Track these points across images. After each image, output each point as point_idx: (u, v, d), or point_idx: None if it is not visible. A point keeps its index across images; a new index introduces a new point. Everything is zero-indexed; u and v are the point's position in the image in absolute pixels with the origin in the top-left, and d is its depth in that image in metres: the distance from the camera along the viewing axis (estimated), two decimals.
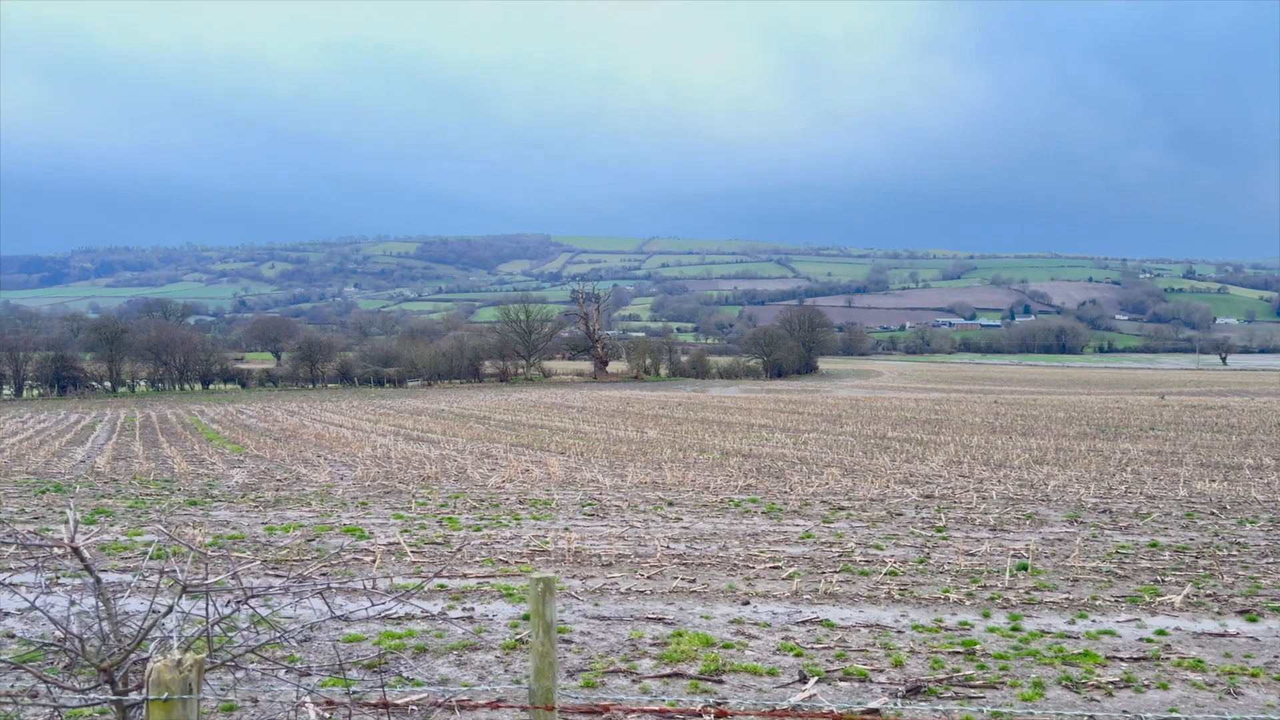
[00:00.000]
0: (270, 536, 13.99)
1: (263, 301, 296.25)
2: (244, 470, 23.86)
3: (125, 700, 2.36)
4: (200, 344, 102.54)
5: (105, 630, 2.61)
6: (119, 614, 2.71)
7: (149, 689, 2.19)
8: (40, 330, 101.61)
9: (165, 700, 2.15)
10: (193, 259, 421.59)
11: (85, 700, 2.57)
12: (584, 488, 19.93)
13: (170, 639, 2.54)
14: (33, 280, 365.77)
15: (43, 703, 3.57)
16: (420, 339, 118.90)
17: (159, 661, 2.23)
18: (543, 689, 3.14)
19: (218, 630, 2.76)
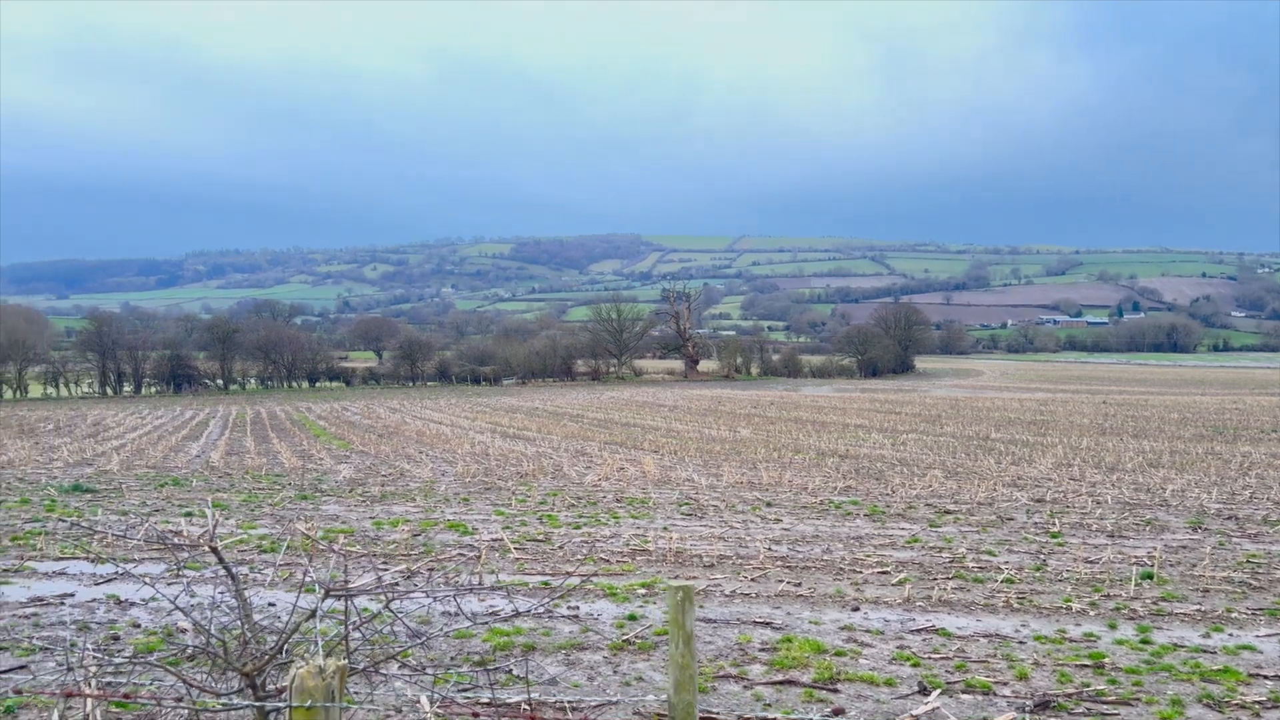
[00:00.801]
0: (378, 531, 14.27)
1: (365, 302, 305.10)
2: (350, 465, 24.50)
3: (267, 706, 2.34)
4: (307, 343, 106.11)
5: (245, 633, 2.60)
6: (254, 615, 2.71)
7: (292, 696, 2.15)
8: (157, 330, 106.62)
9: (309, 708, 2.12)
10: (299, 261, 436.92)
11: (227, 705, 2.56)
12: (680, 487, 19.82)
13: (314, 643, 2.51)
14: (150, 282, 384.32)
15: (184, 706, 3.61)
16: (515, 338, 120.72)
17: (302, 668, 2.20)
18: (683, 703, 3.01)
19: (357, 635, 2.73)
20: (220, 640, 2.51)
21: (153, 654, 7.59)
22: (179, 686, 3.05)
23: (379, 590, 3.20)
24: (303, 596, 9.15)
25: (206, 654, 2.52)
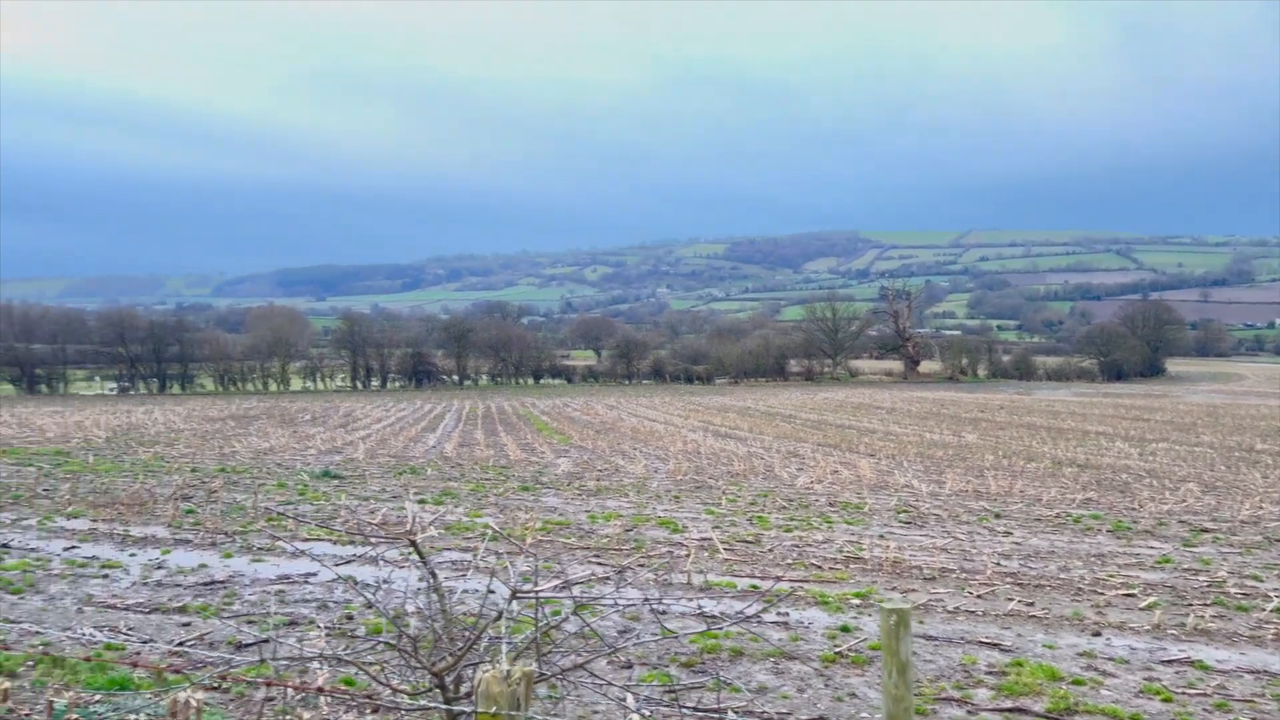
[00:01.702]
0: (592, 525, 14.55)
1: (585, 303, 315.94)
2: (569, 459, 25.27)
3: (454, 709, 2.31)
4: (532, 342, 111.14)
5: (439, 631, 2.59)
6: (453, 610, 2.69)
7: (478, 700, 2.09)
8: (401, 330, 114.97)
9: (494, 714, 2.05)
10: (527, 265, 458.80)
11: (416, 705, 2.56)
12: (898, 493, 18.98)
13: (500, 646, 2.47)
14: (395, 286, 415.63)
15: (378, 702, 3.75)
16: (727, 337, 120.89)
17: (489, 672, 2.14)
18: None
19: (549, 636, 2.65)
20: (411, 638, 2.51)
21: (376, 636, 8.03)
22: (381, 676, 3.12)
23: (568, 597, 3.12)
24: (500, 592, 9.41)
25: (400, 651, 2.53)
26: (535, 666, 2.30)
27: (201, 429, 36.57)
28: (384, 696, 3.00)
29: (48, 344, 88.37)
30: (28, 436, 31.81)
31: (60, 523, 14.18)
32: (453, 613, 2.68)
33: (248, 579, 10.59)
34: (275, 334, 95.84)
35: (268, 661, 5.60)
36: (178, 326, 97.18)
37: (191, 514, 15.05)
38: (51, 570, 10.91)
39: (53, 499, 16.53)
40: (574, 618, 2.91)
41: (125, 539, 12.96)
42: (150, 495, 16.80)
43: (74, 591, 9.92)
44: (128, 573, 10.89)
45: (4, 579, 10.35)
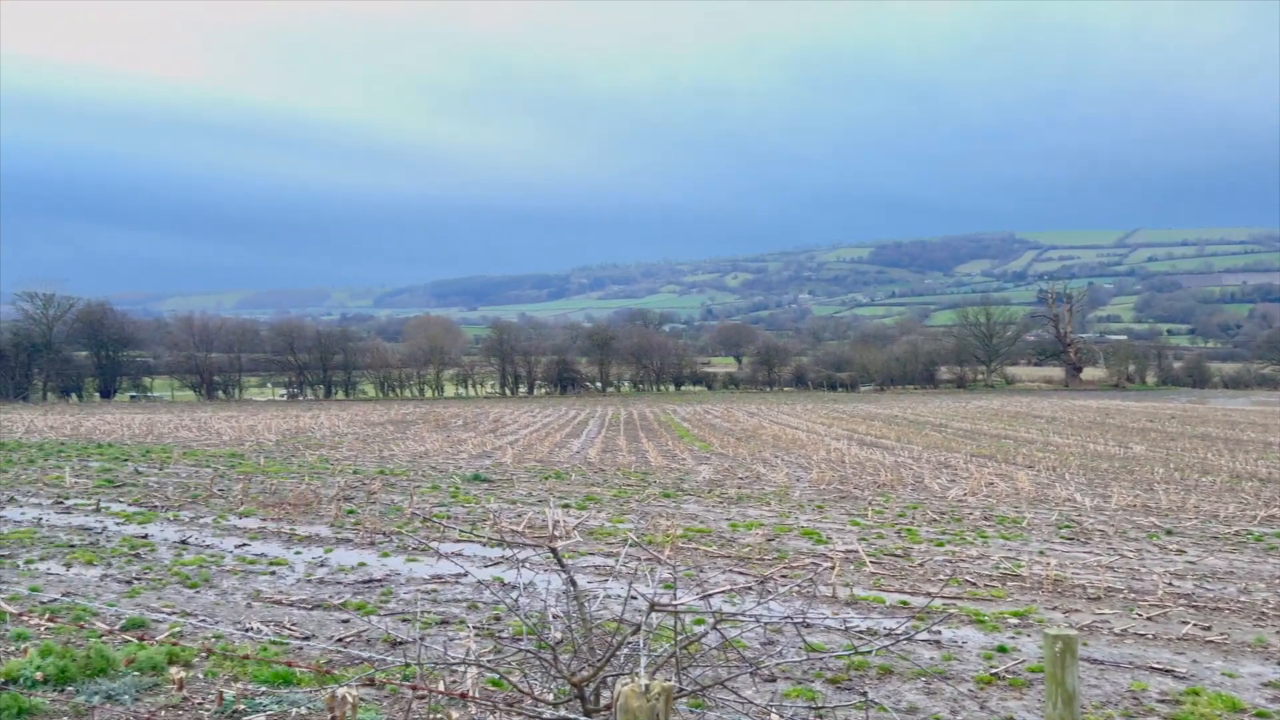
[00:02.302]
0: (733, 533, 14.43)
1: (726, 309, 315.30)
2: (710, 466, 25.20)
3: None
4: (673, 349, 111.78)
5: (579, 640, 2.59)
6: (593, 618, 2.68)
7: (616, 714, 2.06)
8: (547, 338, 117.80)
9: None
10: (668, 272, 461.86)
11: (557, 716, 2.55)
12: (1058, 507, 17.99)
13: (639, 658, 2.43)
14: (542, 295, 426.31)
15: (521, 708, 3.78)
16: (873, 344, 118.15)
17: (627, 685, 2.10)
18: None
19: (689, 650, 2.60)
20: (551, 646, 2.51)
21: (521, 640, 8.18)
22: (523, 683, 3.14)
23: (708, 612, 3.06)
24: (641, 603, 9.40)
25: (539, 660, 2.54)
26: (675, 681, 2.26)
27: (363, 433, 38.44)
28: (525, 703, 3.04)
29: (224, 353, 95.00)
30: (206, 439, 34.21)
31: (233, 521, 15.14)
32: (592, 621, 2.68)
33: (403, 578, 11.01)
34: (430, 343, 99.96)
35: (418, 661, 5.78)
36: (342, 336, 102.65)
37: (352, 514, 15.79)
38: (224, 566, 11.65)
39: (227, 499, 17.68)
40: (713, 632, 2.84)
41: (292, 537, 13.71)
42: (315, 496, 17.74)
43: (244, 587, 10.55)
44: (293, 570, 11.51)
45: (182, 573, 11.12)
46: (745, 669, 3.56)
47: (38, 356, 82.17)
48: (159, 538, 13.55)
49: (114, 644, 7.76)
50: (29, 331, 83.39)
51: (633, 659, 2.51)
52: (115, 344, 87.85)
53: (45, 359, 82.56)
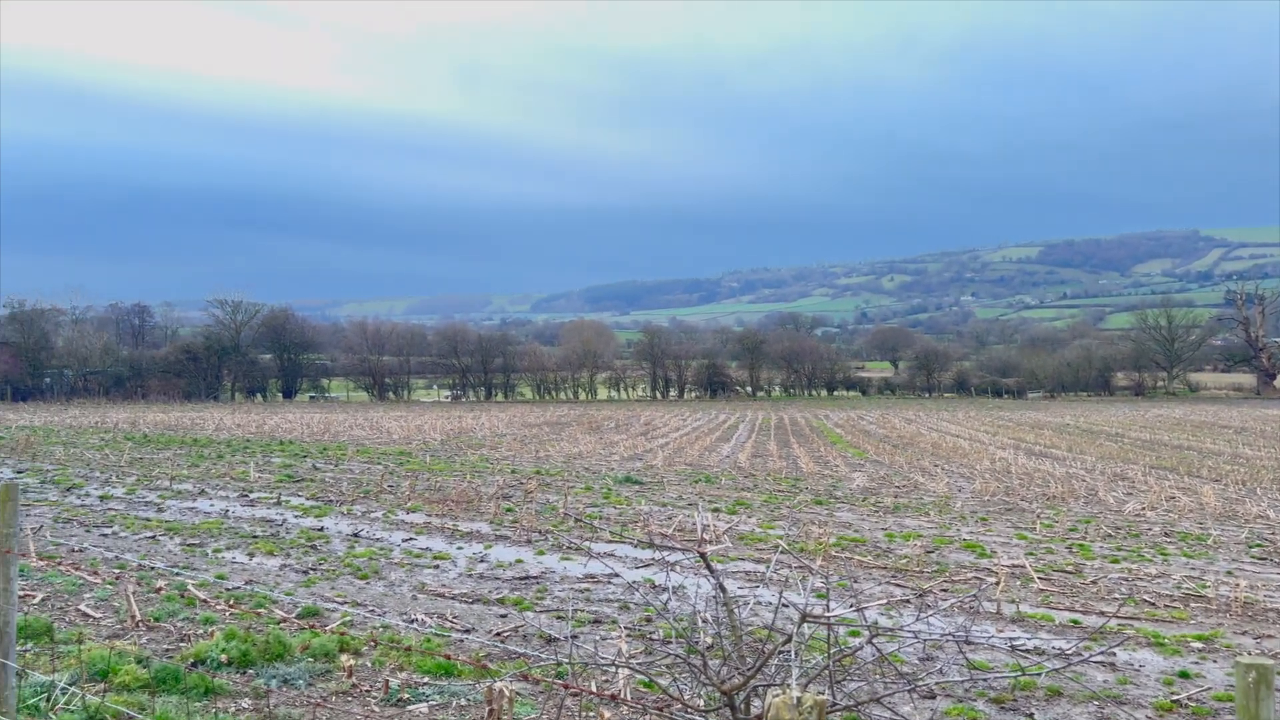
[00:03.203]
0: (890, 543, 14.01)
1: (882, 313, 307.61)
2: (864, 474, 24.60)
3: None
4: (825, 353, 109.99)
5: (729, 648, 2.55)
6: (743, 626, 2.64)
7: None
8: (697, 342, 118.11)
9: None
10: (820, 275, 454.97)
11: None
12: (1249, 524, 16.57)
13: (790, 669, 2.37)
14: (692, 299, 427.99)
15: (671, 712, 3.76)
16: (1041, 348, 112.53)
17: (779, 696, 2.05)
18: None
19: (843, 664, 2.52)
20: (701, 653, 2.48)
21: (671, 643, 8.18)
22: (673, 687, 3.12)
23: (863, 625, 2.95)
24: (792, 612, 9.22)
25: (689, 666, 2.51)
26: (828, 695, 2.19)
27: (520, 434, 39.61)
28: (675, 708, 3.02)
29: (395, 356, 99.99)
30: (377, 438, 36.06)
31: (401, 516, 15.87)
32: (742, 628, 2.64)
33: (558, 576, 11.24)
34: (584, 346, 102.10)
35: (571, 659, 5.88)
36: (502, 340, 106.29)
37: (510, 512, 16.27)
38: (392, 559, 12.21)
39: (395, 494, 18.56)
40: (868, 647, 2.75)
41: (454, 533, 14.25)
42: (476, 494, 18.38)
43: (410, 579, 11.03)
44: (455, 564, 11.95)
45: (354, 565, 11.73)
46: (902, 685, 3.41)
47: (227, 359, 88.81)
48: (333, 530, 14.36)
49: (290, 631, 8.26)
50: (219, 336, 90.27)
51: (783, 669, 2.46)
52: (296, 347, 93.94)
53: (233, 361, 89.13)
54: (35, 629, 7.89)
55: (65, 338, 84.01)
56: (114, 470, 22.47)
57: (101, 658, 6.97)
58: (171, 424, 43.39)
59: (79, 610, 9.02)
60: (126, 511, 15.94)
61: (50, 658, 7.14)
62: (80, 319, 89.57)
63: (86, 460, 24.93)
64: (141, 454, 27.05)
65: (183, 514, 15.85)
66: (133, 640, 7.89)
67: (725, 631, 2.63)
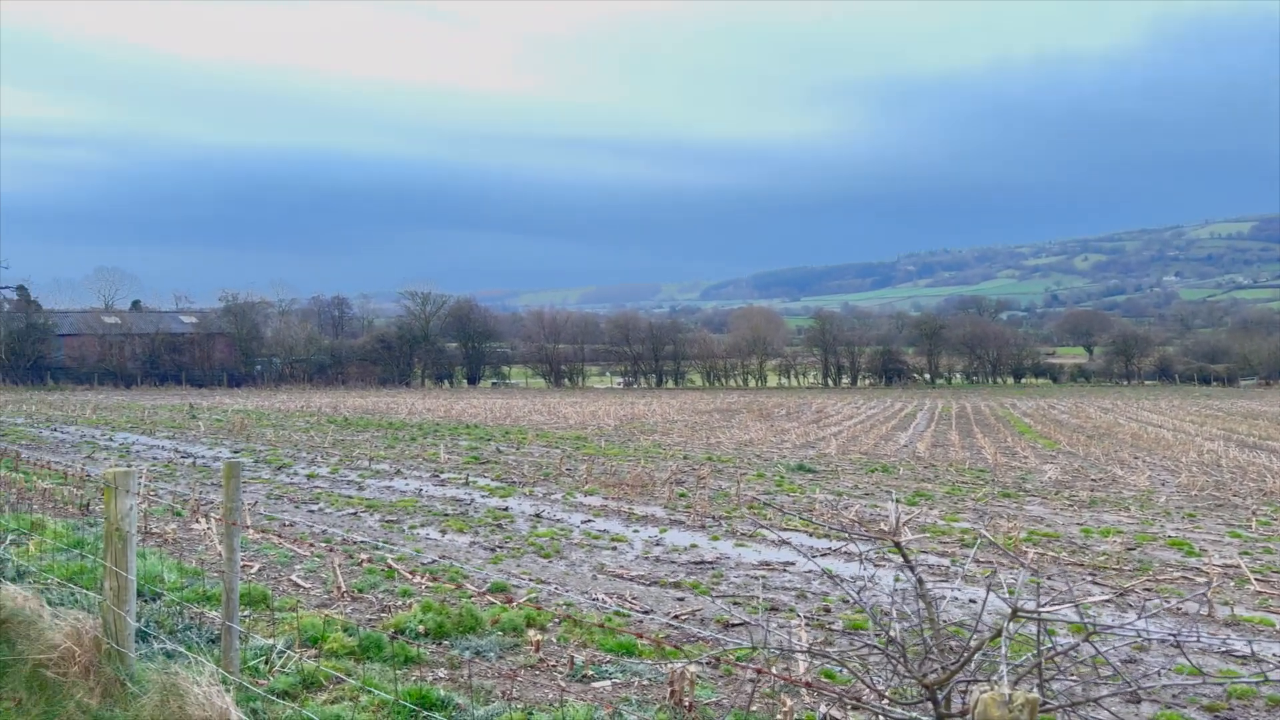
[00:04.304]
0: (1086, 539, 13.22)
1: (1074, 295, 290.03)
2: (1056, 466, 23.29)
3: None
4: (1011, 339, 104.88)
5: (929, 641, 2.46)
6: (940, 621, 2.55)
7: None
8: (871, 328, 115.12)
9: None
10: (1005, 257, 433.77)
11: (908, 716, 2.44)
12: None
13: (999, 666, 2.26)
14: (865, 284, 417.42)
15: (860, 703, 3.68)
16: (1255, 331, 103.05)
17: (987, 693, 1.96)
18: None
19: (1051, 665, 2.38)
20: (899, 644, 2.40)
21: (858, 632, 8.03)
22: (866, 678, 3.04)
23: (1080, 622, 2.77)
24: (993, 607, 8.83)
25: (885, 656, 2.44)
26: (1038, 694, 2.08)
27: (691, 420, 39.89)
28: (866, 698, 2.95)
29: (570, 344, 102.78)
30: (554, 423, 37.20)
31: (579, 498, 16.31)
32: (940, 622, 2.54)
33: (733, 562, 11.26)
34: (754, 333, 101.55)
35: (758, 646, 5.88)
36: (672, 328, 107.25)
37: (684, 497, 16.42)
38: (572, 539, 12.57)
39: (573, 477, 19.09)
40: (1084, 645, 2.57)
41: (630, 516, 14.52)
42: (650, 478, 18.65)
43: (589, 560, 11.32)
44: (632, 547, 12.17)
45: (537, 544, 12.16)
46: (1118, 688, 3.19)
47: (417, 347, 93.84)
48: (517, 510, 14.93)
49: (481, 605, 8.65)
50: (410, 325, 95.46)
51: (985, 666, 2.35)
52: (479, 336, 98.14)
53: (423, 349, 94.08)
54: (253, 596, 8.61)
55: (273, 328, 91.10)
56: (318, 451, 24.21)
57: (313, 625, 7.54)
58: (368, 408, 46.30)
59: (291, 580, 9.77)
60: (330, 489, 17.15)
61: (267, 623, 7.77)
62: (286, 311, 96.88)
63: (294, 442, 26.97)
64: (342, 436, 29.02)
65: (381, 492, 16.90)
66: (339, 609, 8.48)
67: (924, 625, 2.55)
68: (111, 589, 5.76)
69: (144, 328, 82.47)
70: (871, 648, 2.51)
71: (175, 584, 8.96)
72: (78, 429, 30.95)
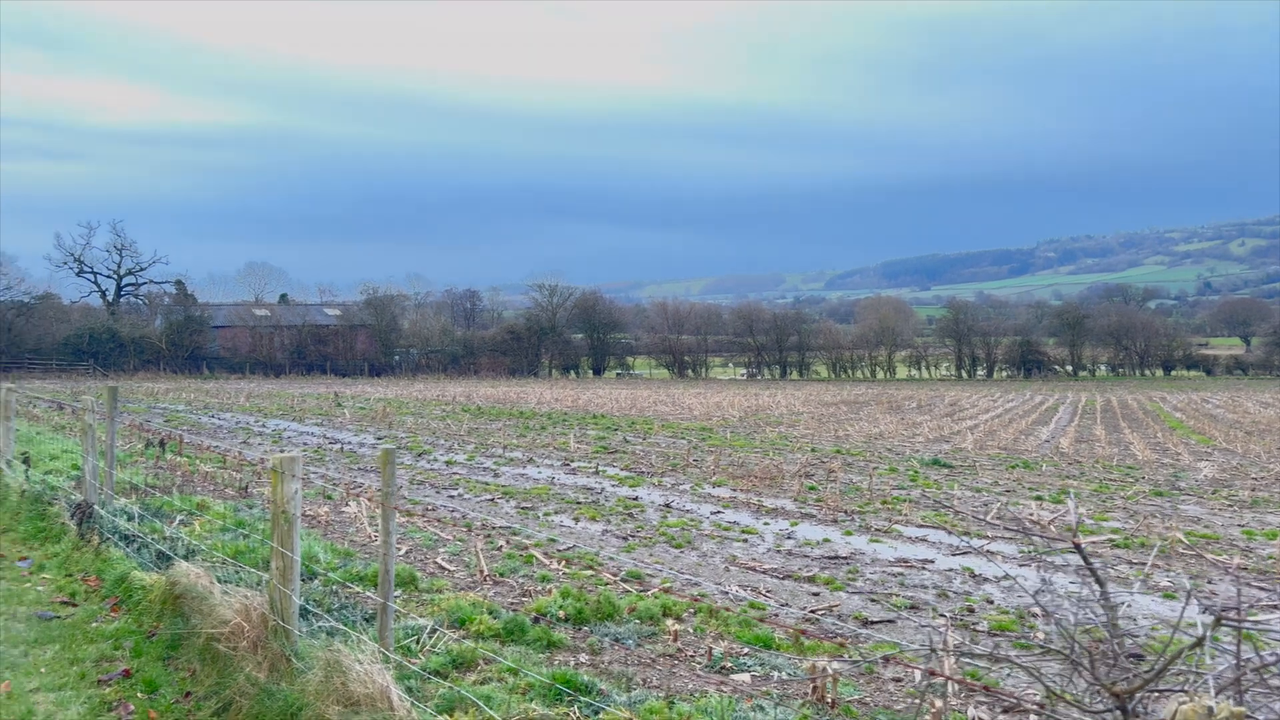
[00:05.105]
0: (1249, 542, 12.40)
1: (1230, 282, 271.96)
2: (1212, 464, 21.91)
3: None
4: (1160, 328, 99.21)
5: (1113, 647, 2.34)
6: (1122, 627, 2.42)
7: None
8: (1008, 317, 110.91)
9: None
10: (1154, 242, 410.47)
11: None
12: None
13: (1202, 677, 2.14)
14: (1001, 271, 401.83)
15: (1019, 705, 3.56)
16: None
17: (1185, 705, 1.86)
18: None
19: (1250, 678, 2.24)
20: (1085, 649, 2.30)
21: (1005, 633, 7.76)
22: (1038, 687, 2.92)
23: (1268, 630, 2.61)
24: (1180, 615, 8.42)
25: (1070, 661, 2.33)
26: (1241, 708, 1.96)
27: (817, 412, 39.33)
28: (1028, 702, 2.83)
29: (692, 335, 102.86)
30: (678, 413, 37.32)
31: (707, 489, 16.33)
32: (1121, 628, 2.42)
33: (868, 558, 11.06)
34: (882, 324, 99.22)
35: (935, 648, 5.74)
36: (796, 318, 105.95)
37: (813, 490, 16.22)
38: (703, 530, 12.60)
39: (700, 469, 19.12)
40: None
41: (759, 509, 14.44)
42: (778, 471, 18.51)
43: (720, 551, 11.33)
44: (762, 539, 12.11)
45: (668, 534, 12.24)
46: None
47: (544, 338, 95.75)
48: (646, 500, 15.07)
49: (617, 592, 8.77)
50: (538, 317, 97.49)
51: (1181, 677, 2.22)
52: (604, 327, 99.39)
53: (550, 340, 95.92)
54: (402, 577, 8.97)
55: (410, 320, 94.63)
56: (455, 439, 25.02)
57: (458, 607, 7.80)
58: (499, 398, 47.56)
59: (436, 563, 10.14)
60: (468, 476, 17.70)
61: (416, 604, 8.09)
62: (421, 303, 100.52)
63: (432, 429, 27.96)
64: (476, 424, 29.90)
65: (515, 479, 17.34)
66: (482, 592, 8.75)
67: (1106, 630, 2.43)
68: (278, 568, 6.10)
69: (291, 320, 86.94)
70: (1054, 651, 2.41)
71: (330, 564, 9.43)
72: (233, 416, 32.92)
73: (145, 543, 9.50)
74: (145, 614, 7.68)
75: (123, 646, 7.15)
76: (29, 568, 9.60)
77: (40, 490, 12.38)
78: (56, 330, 73.54)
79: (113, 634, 7.43)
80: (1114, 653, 2.34)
